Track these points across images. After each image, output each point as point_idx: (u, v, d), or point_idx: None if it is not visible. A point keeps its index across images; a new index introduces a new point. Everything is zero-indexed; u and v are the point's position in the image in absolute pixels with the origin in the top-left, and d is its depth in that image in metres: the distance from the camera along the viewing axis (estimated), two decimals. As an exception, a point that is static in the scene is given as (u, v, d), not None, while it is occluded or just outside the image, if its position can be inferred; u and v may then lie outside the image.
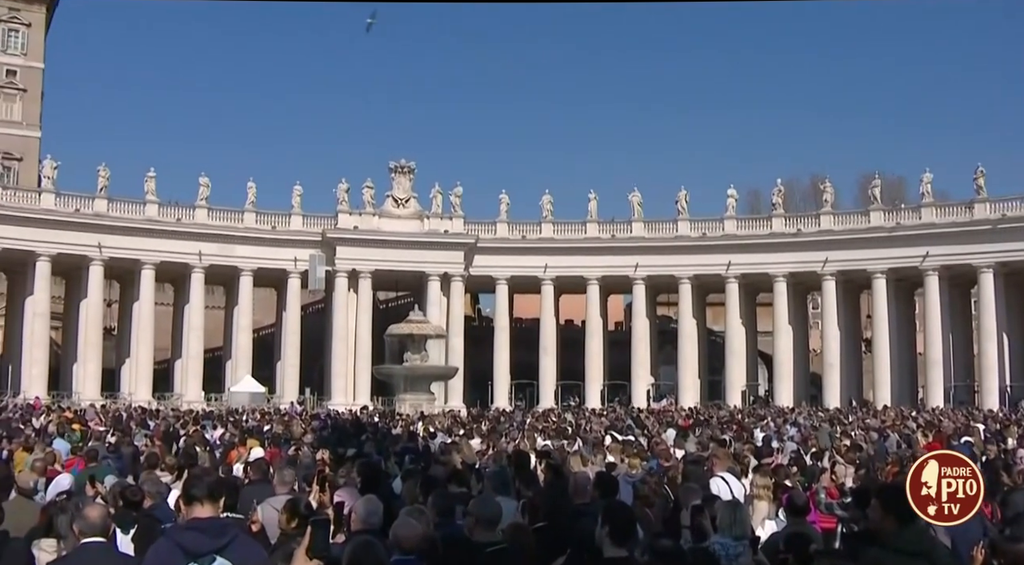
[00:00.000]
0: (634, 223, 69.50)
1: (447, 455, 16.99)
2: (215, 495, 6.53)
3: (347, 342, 66.85)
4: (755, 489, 11.65)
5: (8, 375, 60.50)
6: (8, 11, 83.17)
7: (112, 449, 19.72)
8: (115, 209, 64.22)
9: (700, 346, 69.75)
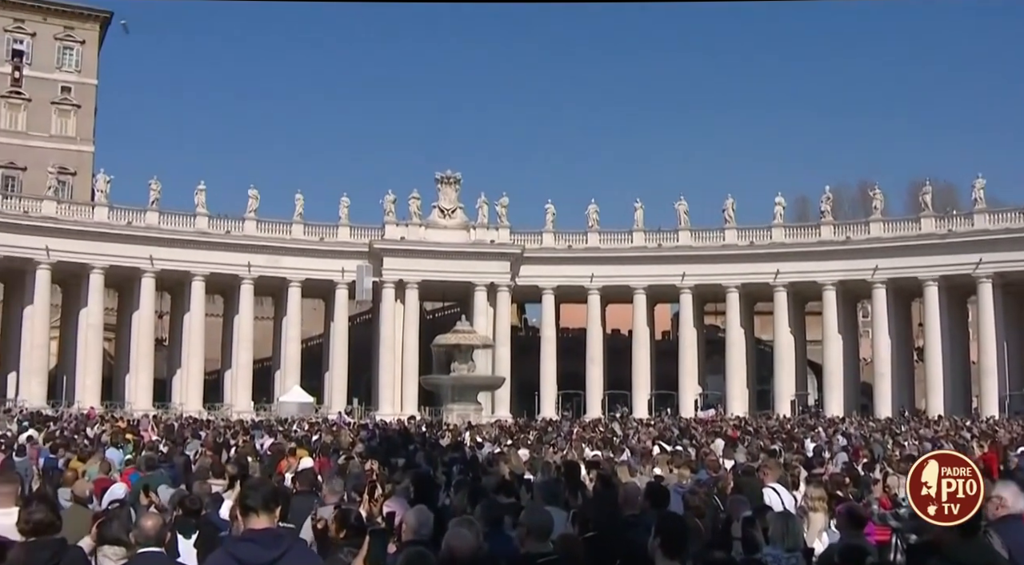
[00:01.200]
0: (681, 232, 69.13)
1: (495, 465, 16.99)
2: (271, 505, 6.54)
3: (394, 352, 67.13)
4: (809, 501, 11.51)
5: (63, 385, 61.53)
6: (63, 29, 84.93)
7: (165, 459, 19.94)
8: (166, 222, 65.19)
9: (748, 355, 69.12)
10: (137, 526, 7.64)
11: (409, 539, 7.43)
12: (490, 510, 8.87)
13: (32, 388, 60.04)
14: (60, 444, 24.36)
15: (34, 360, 61.38)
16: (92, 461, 18.15)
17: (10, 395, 60.04)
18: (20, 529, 7.15)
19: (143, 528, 7.35)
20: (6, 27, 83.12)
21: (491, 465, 17.61)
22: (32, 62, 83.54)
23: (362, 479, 12.79)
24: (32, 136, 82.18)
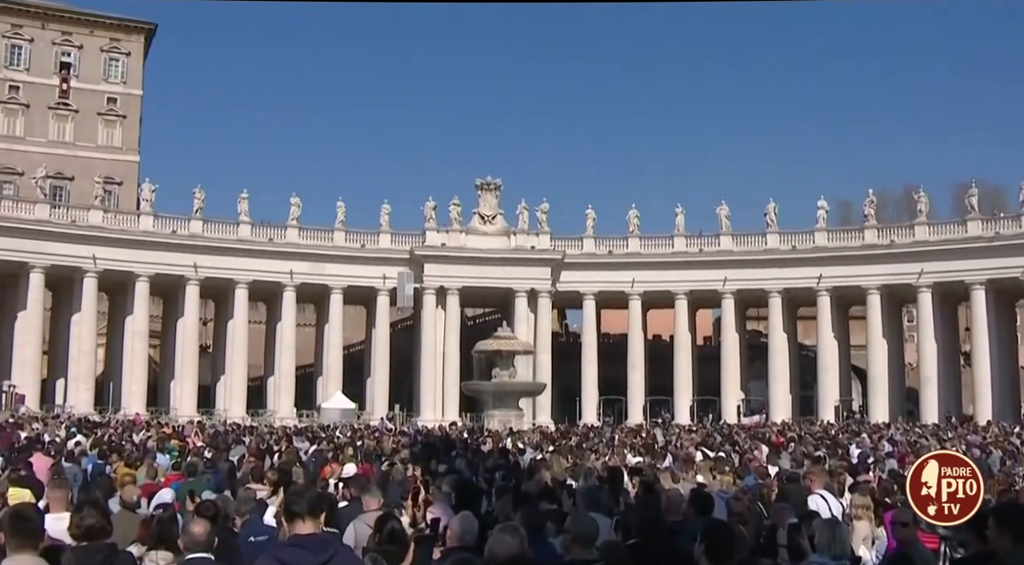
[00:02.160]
0: (722, 236, 68.73)
1: (537, 472, 16.97)
2: (316, 511, 6.61)
3: (435, 358, 67.30)
4: (854, 509, 11.38)
5: (110, 392, 62.36)
6: (109, 41, 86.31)
7: (209, 464, 20.14)
8: (210, 230, 65.93)
9: (791, 361, 68.51)
10: (186, 532, 7.73)
11: (454, 545, 7.46)
12: (532, 516, 8.86)
13: (80, 394, 60.96)
14: (108, 450, 24.69)
15: (82, 367, 62.28)
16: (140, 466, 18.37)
17: (58, 401, 60.98)
18: (72, 534, 7.26)
19: (192, 534, 7.44)
20: (54, 40, 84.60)
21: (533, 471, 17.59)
22: (79, 74, 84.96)
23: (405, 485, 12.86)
24: (79, 146, 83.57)
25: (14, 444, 27.29)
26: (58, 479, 13.09)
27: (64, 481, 13.35)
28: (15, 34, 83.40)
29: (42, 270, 60.74)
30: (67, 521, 7.67)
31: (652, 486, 13.34)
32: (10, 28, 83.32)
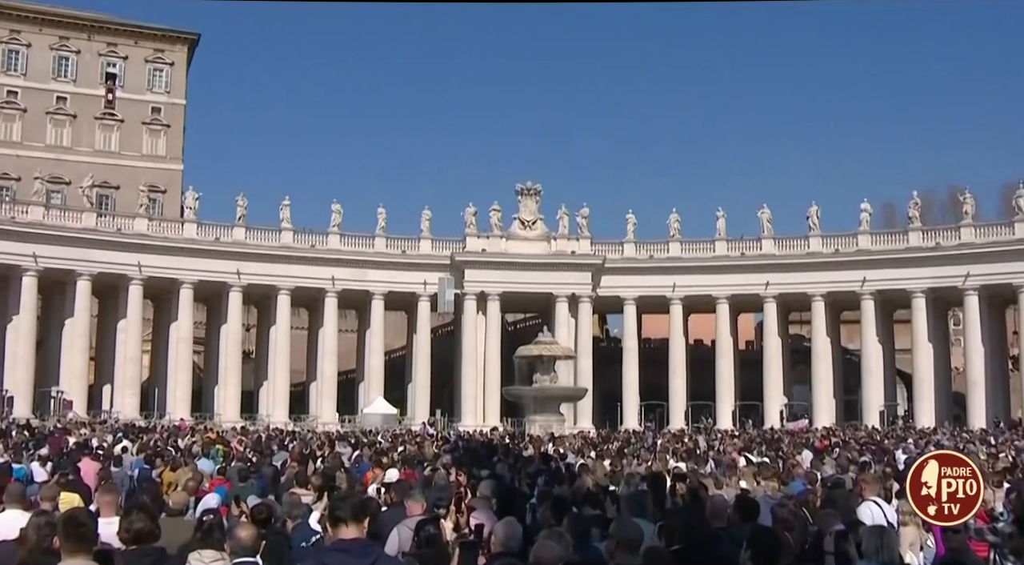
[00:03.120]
0: (764, 240, 68.25)
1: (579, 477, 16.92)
2: (359, 516, 6.67)
3: (476, 364, 67.39)
4: (902, 515, 11.23)
5: (155, 397, 63.13)
6: (153, 52, 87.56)
7: (253, 470, 20.27)
8: (252, 237, 66.60)
9: (835, 365, 67.81)
10: (232, 536, 7.80)
11: (498, 551, 7.46)
12: (578, 522, 8.84)
13: (126, 400, 61.76)
14: (154, 455, 24.97)
15: (127, 373, 63.12)
16: (184, 471, 18.56)
17: (105, 407, 61.82)
18: (121, 538, 7.36)
19: (238, 538, 7.52)
20: (100, 51, 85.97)
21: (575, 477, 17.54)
22: (124, 84, 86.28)
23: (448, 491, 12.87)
24: (125, 156, 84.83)
25: (63, 449, 27.68)
26: (107, 484, 13.29)
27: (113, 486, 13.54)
28: (62, 46, 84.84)
29: (89, 278, 61.65)
30: (117, 525, 7.77)
31: (697, 492, 13.27)
32: (57, 40, 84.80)
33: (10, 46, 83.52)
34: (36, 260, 59.29)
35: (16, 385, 58.44)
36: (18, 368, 59.48)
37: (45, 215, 61.95)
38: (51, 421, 51.43)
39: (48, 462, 22.85)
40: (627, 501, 11.26)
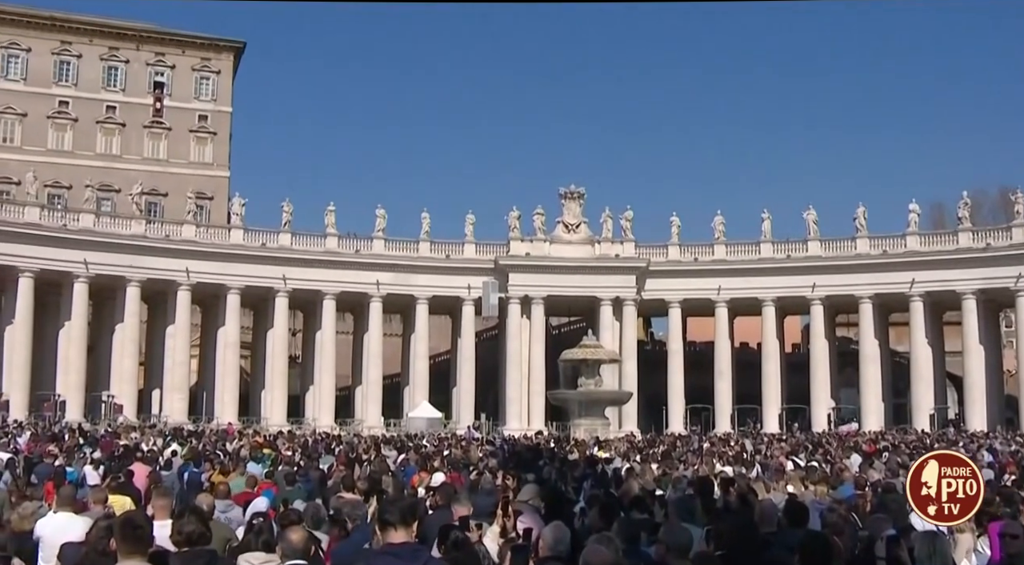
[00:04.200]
0: (810, 242, 67.61)
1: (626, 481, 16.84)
2: (408, 520, 6.69)
3: (521, 367, 67.40)
4: (955, 521, 11.04)
5: (203, 401, 63.85)
6: (200, 61, 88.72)
7: (301, 473, 20.41)
8: (298, 242, 67.15)
9: (883, 368, 66.96)
10: (284, 539, 7.87)
11: (547, 556, 7.44)
12: (627, 527, 8.80)
13: (174, 404, 62.58)
14: (202, 459, 25.24)
15: (176, 377, 63.92)
16: (234, 475, 18.73)
17: (154, 411, 62.70)
18: (174, 540, 7.45)
19: (290, 541, 7.58)
20: (148, 61, 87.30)
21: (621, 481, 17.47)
22: (172, 93, 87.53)
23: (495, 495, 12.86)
24: (172, 163, 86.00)
25: (114, 453, 28.06)
26: (161, 488, 13.45)
27: (167, 490, 13.72)
28: (111, 56, 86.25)
29: (138, 283, 62.54)
30: (169, 528, 7.87)
31: (746, 496, 13.16)
32: (107, 51, 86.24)
33: (62, 57, 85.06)
34: (87, 267, 60.27)
35: (68, 389, 59.45)
36: (70, 373, 60.45)
37: (96, 222, 62.98)
38: (102, 425, 52.18)
39: (100, 465, 23.18)
40: (675, 505, 11.19)
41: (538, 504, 11.84)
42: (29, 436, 38.19)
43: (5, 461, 22.48)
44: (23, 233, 58.88)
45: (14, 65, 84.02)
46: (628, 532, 8.63)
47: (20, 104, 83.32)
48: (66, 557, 8.91)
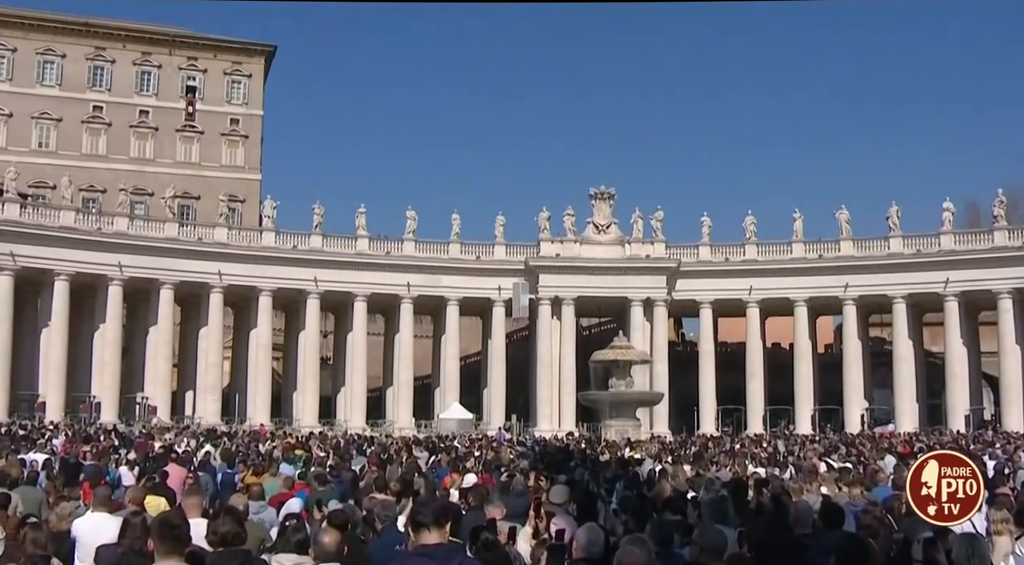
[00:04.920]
0: (843, 242, 67.05)
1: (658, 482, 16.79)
2: (441, 521, 6.69)
3: (551, 368, 67.35)
4: (994, 524, 10.90)
5: (235, 403, 64.30)
6: (231, 64, 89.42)
7: (334, 474, 20.50)
8: (329, 244, 67.42)
9: (917, 368, 66.23)
10: (316, 541, 7.90)
11: (580, 557, 7.43)
12: (661, 528, 8.77)
13: (207, 405, 63.03)
14: (236, 459, 25.42)
15: (209, 379, 64.37)
16: (266, 476, 18.84)
17: (188, 412, 63.20)
18: (209, 540, 7.50)
19: (322, 543, 7.61)
20: (180, 65, 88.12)
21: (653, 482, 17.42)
22: (204, 97, 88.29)
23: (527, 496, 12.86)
24: (205, 166, 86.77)
25: (148, 454, 28.31)
26: (193, 487, 13.57)
27: (198, 489, 13.83)
28: (144, 61, 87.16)
29: (172, 286, 63.06)
30: (202, 527, 7.93)
31: (779, 498, 13.07)
32: (140, 56, 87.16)
33: (95, 63, 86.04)
34: (121, 269, 60.85)
35: (103, 391, 60.08)
36: (105, 374, 61.07)
37: (130, 225, 63.58)
38: (136, 426, 52.71)
39: (135, 466, 23.40)
40: (708, 507, 11.13)
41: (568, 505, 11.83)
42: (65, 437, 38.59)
43: (42, 462, 22.73)
44: (59, 236, 59.54)
45: (50, 71, 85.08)
46: (661, 534, 8.60)
47: (55, 109, 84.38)
48: (102, 560, 9.00)
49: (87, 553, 9.97)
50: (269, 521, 12.91)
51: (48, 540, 9.52)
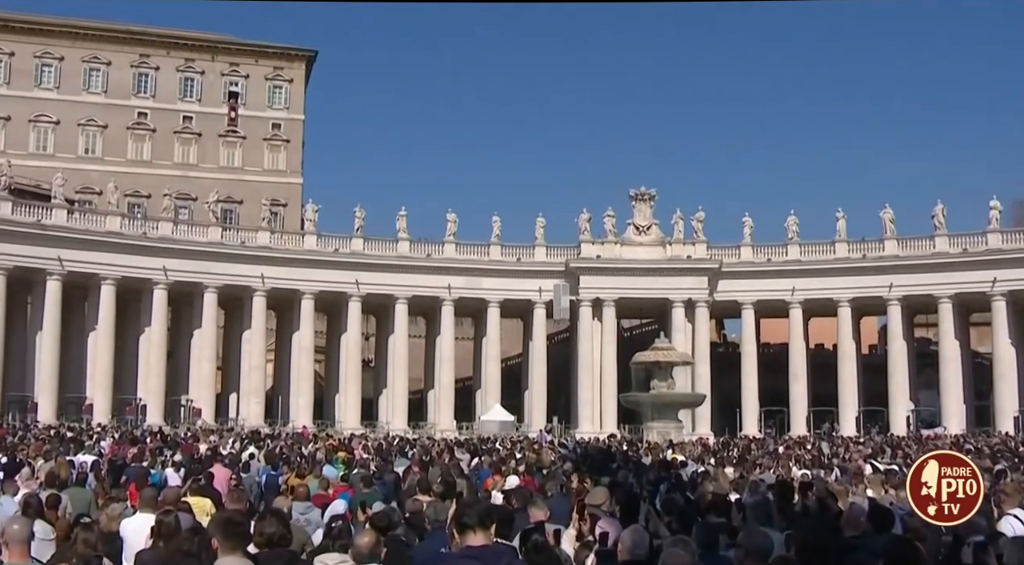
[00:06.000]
0: (887, 241, 66.24)
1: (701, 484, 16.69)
2: (486, 522, 6.69)
3: (592, 370, 67.20)
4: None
5: (278, 405, 64.80)
6: (273, 70, 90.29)
7: (377, 476, 20.58)
8: (370, 247, 67.77)
9: (964, 369, 65.24)
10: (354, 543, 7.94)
11: (625, 560, 7.39)
12: (706, 531, 8.71)
13: (251, 408, 63.59)
14: (279, 461, 25.60)
15: (252, 381, 64.95)
16: (309, 478, 18.96)
17: (231, 414, 63.81)
18: (255, 541, 7.56)
19: (359, 545, 7.66)
20: (223, 71, 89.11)
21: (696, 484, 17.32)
22: (246, 102, 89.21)
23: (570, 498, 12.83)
24: (247, 171, 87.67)
25: (194, 455, 28.60)
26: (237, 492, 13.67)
27: (241, 491, 13.94)
28: (187, 67, 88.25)
29: (215, 289, 63.71)
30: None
31: (824, 500, 12.94)
32: (183, 62, 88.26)
33: (140, 70, 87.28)
34: (166, 273, 61.59)
35: (148, 393, 60.81)
36: (150, 377, 61.83)
37: (174, 230, 64.31)
38: (181, 428, 53.28)
39: (181, 468, 23.66)
40: (753, 509, 11.03)
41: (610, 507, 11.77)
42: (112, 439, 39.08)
43: (90, 463, 23.05)
44: (105, 241, 60.37)
45: (95, 78, 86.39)
46: (707, 536, 8.54)
47: (101, 116, 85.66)
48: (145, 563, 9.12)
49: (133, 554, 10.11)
50: (315, 522, 13.00)
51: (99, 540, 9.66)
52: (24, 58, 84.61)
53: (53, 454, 24.69)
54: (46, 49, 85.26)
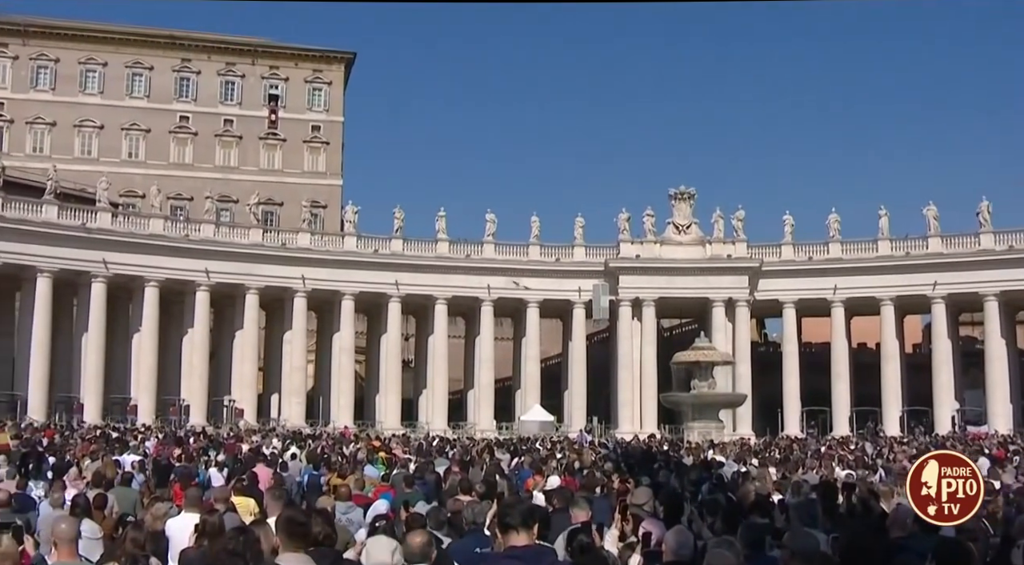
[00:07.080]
0: (930, 238, 65.41)
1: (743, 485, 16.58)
2: (529, 522, 6.69)
3: (632, 370, 66.98)
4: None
5: (319, 406, 65.23)
6: (312, 72, 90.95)
7: (417, 476, 20.65)
8: (410, 248, 68.02)
9: (1011, 368, 64.26)
10: (405, 542, 7.97)
11: (669, 560, 7.37)
12: (751, 532, 8.65)
13: (292, 408, 64.07)
14: (321, 461, 25.77)
15: (293, 382, 65.44)
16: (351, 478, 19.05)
17: (273, 415, 64.32)
18: (302, 541, 7.64)
19: (411, 545, 7.68)
20: (263, 74, 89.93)
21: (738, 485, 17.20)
22: (285, 105, 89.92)
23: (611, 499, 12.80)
24: (287, 173, 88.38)
25: (237, 455, 28.86)
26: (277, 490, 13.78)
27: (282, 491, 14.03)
28: (228, 71, 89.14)
29: (257, 291, 64.24)
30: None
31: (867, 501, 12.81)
32: (224, 66, 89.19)
33: (181, 74, 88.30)
34: (208, 275, 62.22)
35: (192, 394, 61.48)
36: (193, 378, 62.49)
37: (216, 232, 64.93)
38: (224, 428, 53.78)
39: (224, 468, 23.88)
40: (797, 510, 10.95)
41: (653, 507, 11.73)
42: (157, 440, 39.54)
43: (136, 464, 23.34)
44: (148, 244, 61.08)
45: (138, 83, 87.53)
46: (752, 537, 8.47)
47: (144, 120, 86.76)
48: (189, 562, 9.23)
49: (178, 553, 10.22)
50: (357, 522, 13.07)
51: (146, 539, 9.79)
52: (69, 64, 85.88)
53: (100, 454, 25.04)
54: (90, 55, 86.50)
